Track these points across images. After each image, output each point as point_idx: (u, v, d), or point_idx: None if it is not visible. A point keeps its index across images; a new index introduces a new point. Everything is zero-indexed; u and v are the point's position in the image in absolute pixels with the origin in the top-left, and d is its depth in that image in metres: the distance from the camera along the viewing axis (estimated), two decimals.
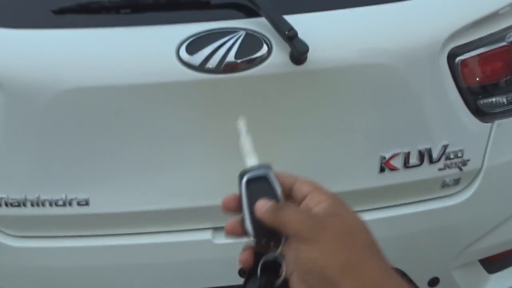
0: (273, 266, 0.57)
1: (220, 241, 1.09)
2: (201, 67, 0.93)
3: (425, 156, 1.08)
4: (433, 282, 1.24)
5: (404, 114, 1.05)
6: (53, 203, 1.04)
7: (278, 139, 1.02)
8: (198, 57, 0.93)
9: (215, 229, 1.11)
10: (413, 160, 1.08)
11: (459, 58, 1.03)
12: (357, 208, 0.58)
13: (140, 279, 1.14)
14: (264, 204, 0.57)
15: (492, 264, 1.30)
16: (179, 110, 0.98)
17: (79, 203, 1.04)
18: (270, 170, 0.60)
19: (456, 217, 1.17)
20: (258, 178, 0.59)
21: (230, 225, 0.60)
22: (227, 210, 0.60)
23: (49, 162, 1.01)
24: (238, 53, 0.93)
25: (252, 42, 0.94)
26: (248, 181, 0.59)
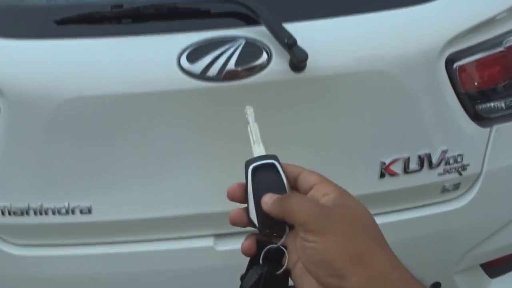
0: (276, 255, 0.57)
1: (222, 248, 1.10)
2: (202, 75, 0.94)
3: (424, 161, 1.08)
4: (435, 287, 1.24)
5: (403, 119, 1.05)
6: (56, 211, 1.04)
7: (279, 146, 1.01)
8: (199, 66, 0.94)
9: (217, 236, 1.11)
10: (413, 165, 1.08)
11: (457, 64, 1.04)
12: None
13: (143, 287, 1.14)
14: (270, 197, 0.56)
15: (493, 268, 1.30)
16: (180, 118, 0.99)
17: (81, 211, 1.04)
18: (277, 160, 0.59)
19: (457, 222, 1.17)
20: (264, 168, 0.58)
21: (234, 214, 0.59)
22: (232, 198, 0.59)
23: (52, 170, 1.02)
24: (238, 61, 0.94)
25: (252, 50, 0.95)
26: (254, 170, 0.58)
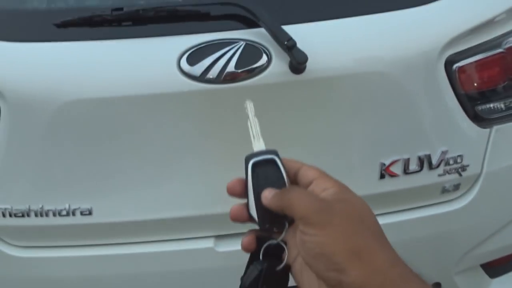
0: (276, 251, 0.57)
1: (222, 249, 1.10)
2: (202, 77, 0.94)
3: (424, 162, 1.08)
4: None
5: (403, 121, 1.05)
6: (57, 213, 1.04)
7: (279, 147, 1.01)
8: (199, 68, 0.94)
9: (218, 237, 1.11)
10: (413, 166, 1.08)
11: (457, 65, 1.04)
12: None
13: None
14: (270, 192, 0.56)
15: (493, 268, 1.30)
16: (181, 120, 0.99)
17: (82, 213, 1.04)
18: (277, 155, 0.59)
19: (457, 223, 1.17)
20: (264, 163, 0.58)
21: (234, 210, 0.59)
22: (232, 194, 0.59)
23: (52, 172, 1.02)
24: (238, 63, 0.94)
25: (252, 52, 0.95)
26: (254, 165, 0.58)
